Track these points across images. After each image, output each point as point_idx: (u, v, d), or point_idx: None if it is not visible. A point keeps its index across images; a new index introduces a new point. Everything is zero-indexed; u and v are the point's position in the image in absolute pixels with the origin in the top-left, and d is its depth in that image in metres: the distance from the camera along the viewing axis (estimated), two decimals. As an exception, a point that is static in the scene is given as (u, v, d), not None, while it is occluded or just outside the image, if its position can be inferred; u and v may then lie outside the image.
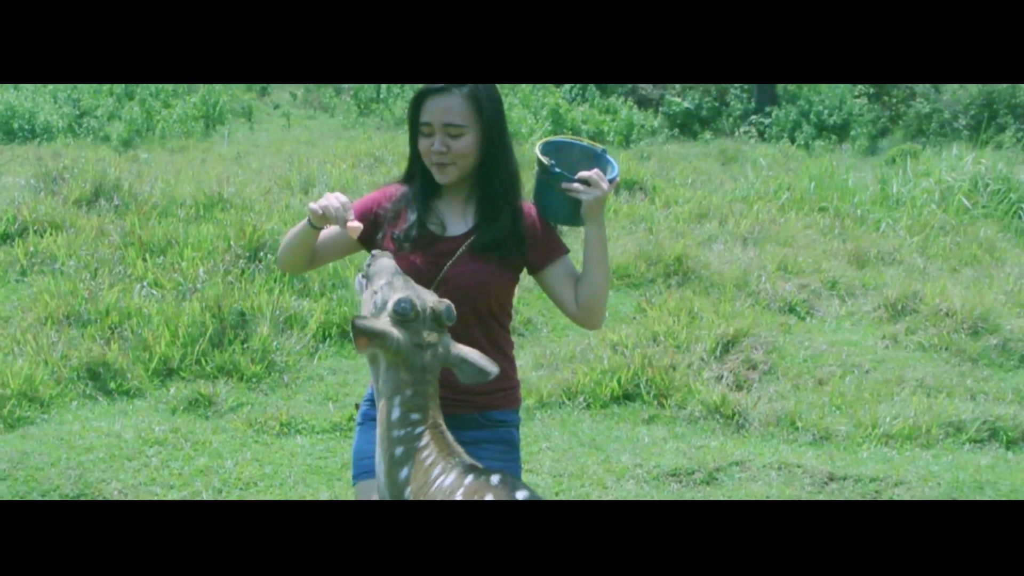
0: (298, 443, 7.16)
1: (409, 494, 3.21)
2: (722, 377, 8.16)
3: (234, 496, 6.45)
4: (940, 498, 6.49)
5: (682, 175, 14.63)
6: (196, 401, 7.58)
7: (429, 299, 3.30)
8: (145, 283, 9.00)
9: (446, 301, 3.32)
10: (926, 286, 9.88)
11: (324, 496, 6.44)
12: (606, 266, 3.81)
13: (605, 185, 3.67)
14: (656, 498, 6.40)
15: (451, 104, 3.66)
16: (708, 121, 19.56)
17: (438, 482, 3.15)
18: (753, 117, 19.29)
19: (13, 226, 9.89)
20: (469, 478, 3.10)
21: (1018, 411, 7.79)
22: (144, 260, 9.32)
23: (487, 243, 3.73)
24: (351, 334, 3.20)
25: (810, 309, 9.76)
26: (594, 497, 6.30)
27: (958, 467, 6.93)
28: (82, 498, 6.34)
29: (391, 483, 3.28)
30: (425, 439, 3.24)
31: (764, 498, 6.40)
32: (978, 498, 6.48)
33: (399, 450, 3.25)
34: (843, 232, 12.17)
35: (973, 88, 20.19)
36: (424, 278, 3.61)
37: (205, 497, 6.41)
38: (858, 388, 8.08)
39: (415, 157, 3.81)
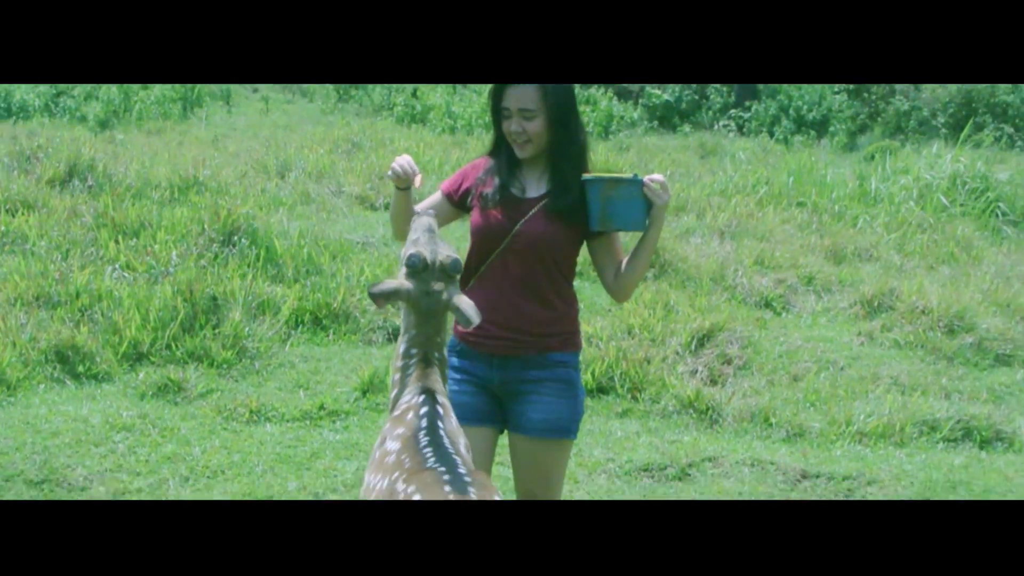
0: (267, 431, 7.12)
1: (392, 407, 3.84)
2: (696, 371, 8.15)
3: (201, 484, 6.42)
4: (913, 497, 6.48)
5: (661, 168, 14.54)
6: (165, 386, 7.53)
7: (441, 254, 3.81)
8: (117, 265, 8.93)
9: (455, 255, 3.82)
10: (903, 283, 9.88)
11: (292, 485, 6.41)
12: (650, 257, 4.50)
13: (669, 192, 4.28)
14: (628, 493, 6.40)
15: (524, 93, 4.25)
16: (688, 114, 19.56)
17: (403, 398, 3.81)
18: (733, 111, 19.31)
19: None
20: (416, 398, 3.77)
21: (992, 411, 7.81)
22: (116, 242, 9.24)
23: (557, 208, 4.31)
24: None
25: (786, 304, 9.74)
26: (566, 491, 6.26)
27: (931, 466, 6.95)
28: (46, 483, 6.31)
29: (391, 400, 3.89)
30: (412, 369, 3.85)
31: (736, 495, 6.39)
32: (951, 498, 6.49)
33: (397, 376, 3.89)
34: (820, 227, 12.16)
35: (952, 86, 20.25)
36: (501, 230, 4.34)
37: (171, 484, 6.38)
38: (833, 385, 8.08)
39: (499, 135, 4.42)
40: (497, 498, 3.38)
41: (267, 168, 12.60)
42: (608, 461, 6.80)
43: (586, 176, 4.26)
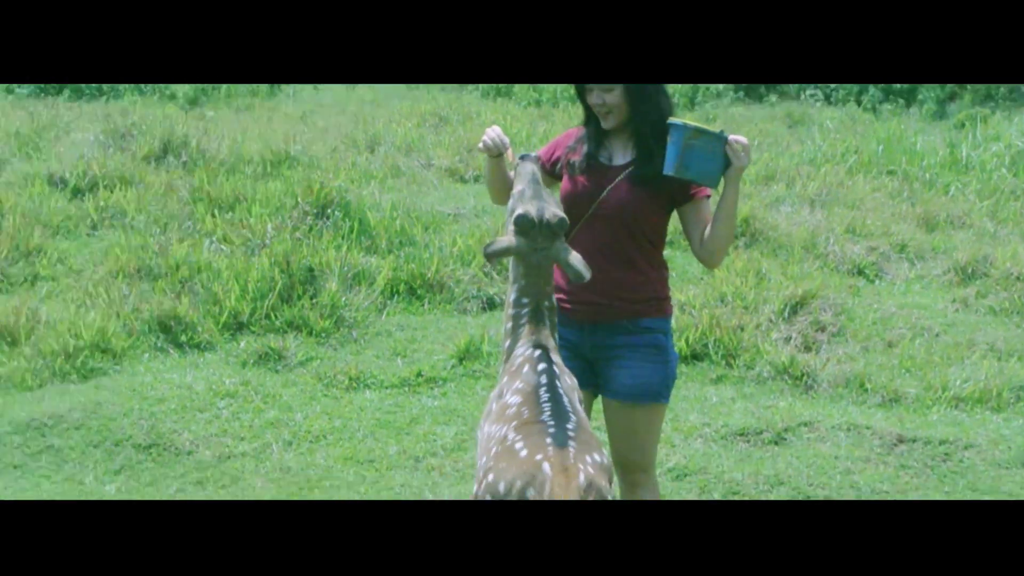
0: (367, 397, 7.23)
1: (507, 358, 4.03)
2: (790, 338, 8.11)
3: (304, 448, 6.57)
4: (1010, 461, 6.46)
5: (748, 137, 14.39)
6: (266, 355, 7.66)
7: (548, 211, 3.98)
8: (214, 238, 9.10)
9: (560, 214, 4.00)
10: (996, 250, 9.75)
11: (393, 449, 6.54)
12: (734, 222, 4.45)
13: (750, 156, 4.36)
14: (724, 457, 6.44)
15: None
16: (774, 83, 19.37)
17: (517, 350, 3.98)
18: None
19: (84, 181, 10.02)
20: (531, 351, 3.95)
21: None
22: (213, 216, 9.41)
23: (642, 176, 4.38)
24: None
25: (879, 272, 9.67)
26: (663, 455, 6.30)
27: None
28: (154, 447, 6.49)
29: (504, 350, 4.10)
30: (524, 319, 4.02)
31: (832, 459, 6.39)
32: None
33: (509, 325, 4.09)
34: (912, 196, 12.00)
35: None
36: (588, 196, 4.44)
37: (275, 449, 6.54)
38: (928, 351, 8.01)
39: (587, 107, 4.50)
40: (597, 456, 3.52)
41: (356, 142, 12.65)
42: (704, 426, 6.83)
43: (672, 120, 4.27)
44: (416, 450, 6.53)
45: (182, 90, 17.27)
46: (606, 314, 4.43)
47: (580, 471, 3.40)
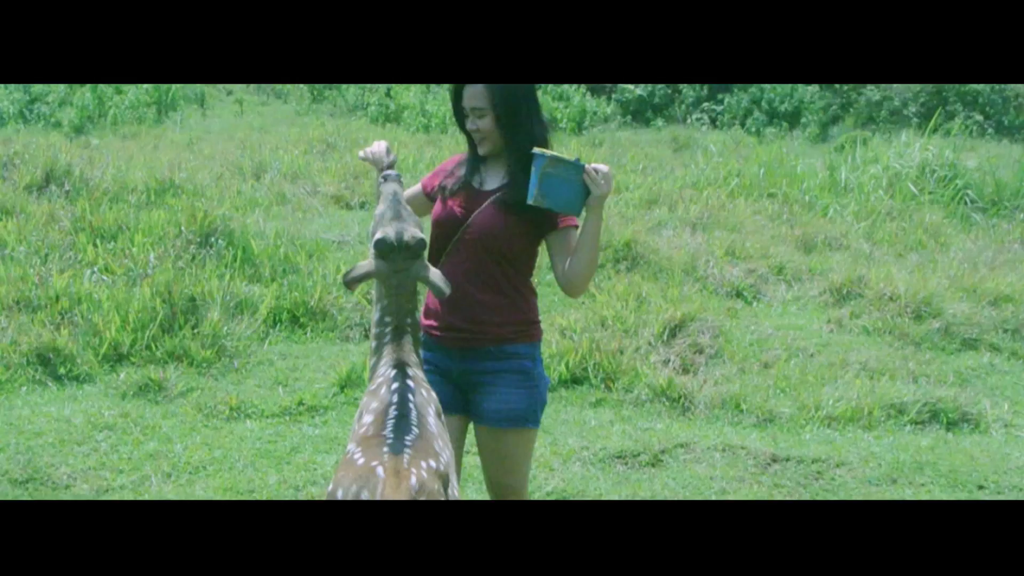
0: (247, 427, 7.20)
1: (371, 376, 4.07)
2: (669, 361, 8.26)
3: (183, 480, 6.50)
4: (881, 479, 6.61)
5: (633, 161, 14.66)
6: (146, 386, 7.61)
7: (407, 232, 4.02)
8: (95, 268, 9.01)
9: (419, 235, 4.01)
10: (871, 271, 10.01)
11: (272, 479, 6.48)
12: (595, 250, 4.42)
13: (611, 184, 4.33)
14: (602, 480, 6.50)
15: (474, 92, 4.41)
16: (660, 108, 19.65)
17: (379, 370, 4.01)
18: (705, 104, 19.44)
19: None
20: (389, 371, 3.98)
21: (958, 393, 7.95)
22: (95, 246, 9.33)
23: (506, 202, 4.43)
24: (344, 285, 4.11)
25: (757, 294, 9.87)
26: (541, 478, 6.38)
27: (899, 448, 7.08)
28: (31, 482, 6.37)
29: (370, 369, 4.11)
30: (388, 338, 4.07)
31: (708, 479, 6.49)
32: (917, 478, 6.62)
33: (374, 344, 4.12)
34: (791, 218, 12.26)
35: None
36: (456, 220, 4.49)
37: (154, 481, 6.45)
38: (802, 371, 8.19)
39: (467, 133, 4.59)
40: (432, 463, 3.65)
41: (242, 170, 12.65)
42: (583, 449, 6.90)
43: (535, 149, 4.28)
44: (296, 479, 6.50)
45: (67, 117, 17.12)
46: (472, 341, 4.46)
47: (412, 474, 3.50)
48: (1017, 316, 9.30)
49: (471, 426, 4.69)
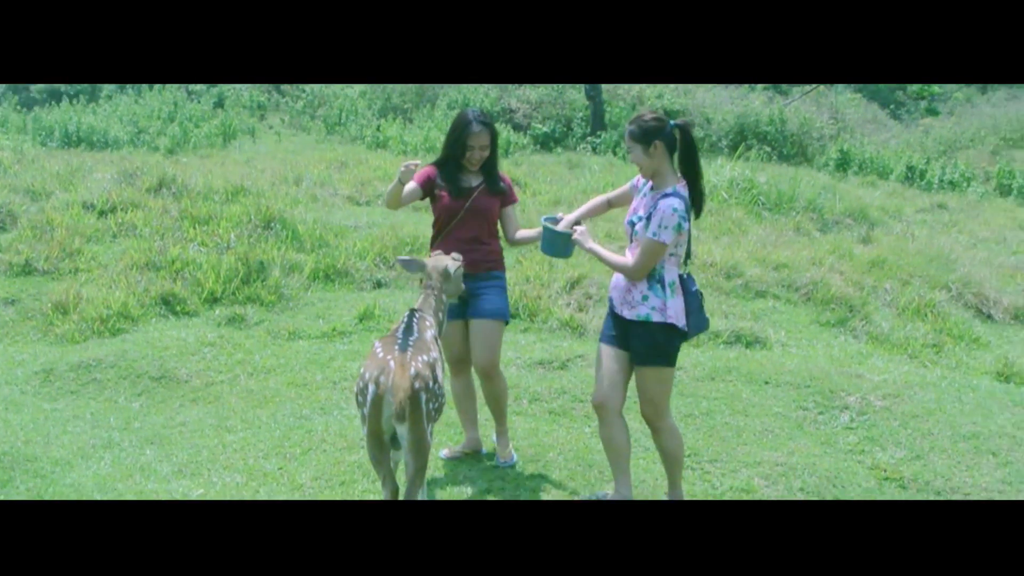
0: (300, 344, 7.26)
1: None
2: (570, 303, 8.28)
3: (261, 377, 6.55)
4: (703, 377, 6.55)
5: (543, 176, 14.71)
6: (233, 318, 7.66)
7: (441, 265, 4.52)
8: (196, 243, 8.99)
9: (456, 263, 4.57)
10: (698, 247, 10.08)
11: (319, 376, 6.51)
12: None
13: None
14: (528, 378, 6.49)
15: (484, 136, 4.89)
16: (560, 140, 19.73)
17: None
18: (589, 138, 19.48)
19: (106, 205, 9.75)
20: (404, 316, 4.28)
21: (753, 325, 7.99)
22: (194, 228, 9.29)
23: (492, 190, 5.00)
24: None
25: (625, 262, 9.92)
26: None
27: (716, 359, 7.08)
28: (163, 378, 6.44)
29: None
30: (428, 300, 4.45)
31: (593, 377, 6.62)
32: (728, 377, 6.60)
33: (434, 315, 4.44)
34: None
35: (731, 117, 20.44)
36: (457, 204, 4.90)
37: (242, 378, 6.50)
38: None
39: (453, 155, 4.94)
40: (425, 357, 3.93)
41: (287, 178, 12.42)
42: (517, 358, 6.99)
43: (543, 220, 4.62)
44: (333, 376, 6.59)
45: (163, 143, 16.91)
46: (474, 269, 4.91)
47: (412, 365, 3.84)
48: (790, 277, 9.26)
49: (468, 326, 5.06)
